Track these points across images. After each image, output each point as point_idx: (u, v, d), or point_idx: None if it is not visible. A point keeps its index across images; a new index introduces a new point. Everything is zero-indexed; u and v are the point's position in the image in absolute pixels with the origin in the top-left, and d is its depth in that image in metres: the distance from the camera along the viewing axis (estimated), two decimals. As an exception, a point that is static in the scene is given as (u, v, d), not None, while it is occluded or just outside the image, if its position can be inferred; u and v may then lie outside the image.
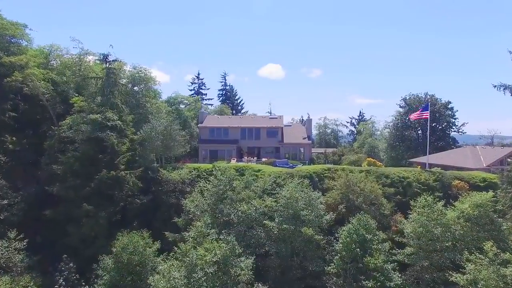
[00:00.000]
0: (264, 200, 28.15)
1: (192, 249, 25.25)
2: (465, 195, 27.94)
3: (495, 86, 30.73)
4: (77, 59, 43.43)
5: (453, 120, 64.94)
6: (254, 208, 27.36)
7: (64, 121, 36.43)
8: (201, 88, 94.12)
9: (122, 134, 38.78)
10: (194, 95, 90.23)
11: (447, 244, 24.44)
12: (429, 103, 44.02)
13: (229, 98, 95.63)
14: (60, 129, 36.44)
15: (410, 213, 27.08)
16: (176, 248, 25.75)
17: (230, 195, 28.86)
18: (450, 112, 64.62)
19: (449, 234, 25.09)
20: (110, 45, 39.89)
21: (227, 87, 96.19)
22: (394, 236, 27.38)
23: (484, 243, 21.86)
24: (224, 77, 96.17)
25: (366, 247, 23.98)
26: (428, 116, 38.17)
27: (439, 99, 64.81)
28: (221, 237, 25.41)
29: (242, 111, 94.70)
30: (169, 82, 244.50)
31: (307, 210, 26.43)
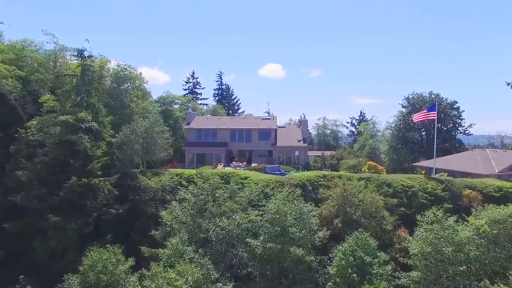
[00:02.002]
0: (248, 214, 24.57)
1: (162, 271, 22.06)
2: (480, 208, 24.27)
3: (508, 84, 30.72)
4: (52, 55, 40.03)
5: (459, 121, 61.27)
6: (236, 223, 23.81)
7: (30, 123, 32.96)
8: (196, 88, 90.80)
9: (98, 137, 35.56)
10: (189, 94, 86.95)
11: (460, 268, 20.77)
12: (436, 103, 40.37)
13: (225, 98, 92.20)
14: (28, 132, 33.04)
15: (415, 229, 23.47)
16: (144, 270, 22.57)
17: (210, 208, 25.38)
18: (456, 113, 60.98)
19: (462, 255, 21.49)
20: (86, 40, 36.31)
21: (223, 87, 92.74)
22: (397, 256, 23.78)
23: (510, 272, 18.21)
24: (220, 76, 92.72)
25: (365, 272, 20.36)
26: (435, 117, 34.50)
27: (444, 99, 61.18)
28: (196, 257, 22.11)
29: (239, 111, 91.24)
30: (169, 82, 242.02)
31: (297, 226, 22.86)
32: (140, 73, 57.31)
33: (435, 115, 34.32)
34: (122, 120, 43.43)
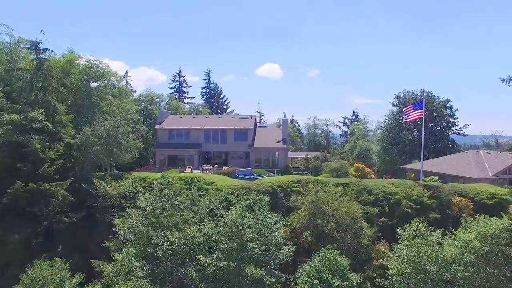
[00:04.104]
0: (204, 226, 21.34)
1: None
2: (470, 219, 21.08)
3: (503, 80, 28.72)
4: (8, 48, 36.71)
5: (453, 120, 58.23)
6: (190, 237, 20.60)
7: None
8: (183, 86, 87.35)
9: (54, 137, 32.45)
10: (175, 93, 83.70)
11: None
12: (424, 101, 37.26)
13: (213, 96, 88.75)
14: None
15: (394, 245, 20.31)
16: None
17: (162, 218, 22.18)
18: (449, 112, 57.95)
19: (448, 275, 18.40)
20: (41, 31, 33.07)
21: (211, 85, 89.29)
22: (374, 275, 20.65)
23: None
24: (208, 75, 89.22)
25: (332, 298, 17.21)
26: (422, 116, 31.34)
27: (437, 97, 58.19)
28: (141, 275, 19.04)
29: (228, 111, 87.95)
30: (166, 81, 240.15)
31: (258, 241, 19.66)
32: (126, 72, 54.22)
33: (422, 113, 31.18)
34: (92, 120, 40.25)
